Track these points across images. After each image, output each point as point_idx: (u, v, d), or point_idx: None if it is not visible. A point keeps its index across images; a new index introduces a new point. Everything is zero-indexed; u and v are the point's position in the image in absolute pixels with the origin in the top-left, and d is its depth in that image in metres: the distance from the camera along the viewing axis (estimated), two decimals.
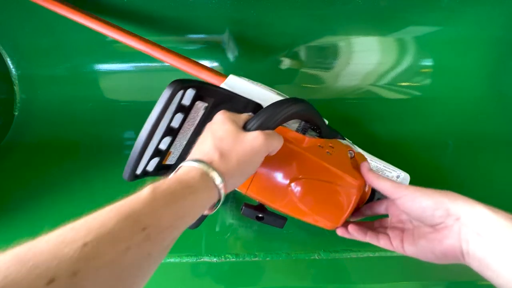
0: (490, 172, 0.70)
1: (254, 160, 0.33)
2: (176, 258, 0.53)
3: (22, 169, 0.69)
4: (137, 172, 0.39)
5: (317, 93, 0.82)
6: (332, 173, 0.43)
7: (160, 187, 0.28)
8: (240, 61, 0.80)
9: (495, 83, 0.84)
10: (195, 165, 0.30)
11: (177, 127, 0.41)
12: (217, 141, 0.32)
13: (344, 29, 0.78)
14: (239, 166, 0.32)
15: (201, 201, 0.29)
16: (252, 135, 0.33)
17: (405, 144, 0.75)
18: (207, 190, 0.30)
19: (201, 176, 0.30)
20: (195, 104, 0.41)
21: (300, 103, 0.41)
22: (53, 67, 0.78)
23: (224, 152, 0.32)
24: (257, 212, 0.46)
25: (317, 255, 0.54)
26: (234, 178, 0.32)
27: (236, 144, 0.32)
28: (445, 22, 0.77)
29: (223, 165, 0.31)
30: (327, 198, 0.43)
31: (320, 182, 0.43)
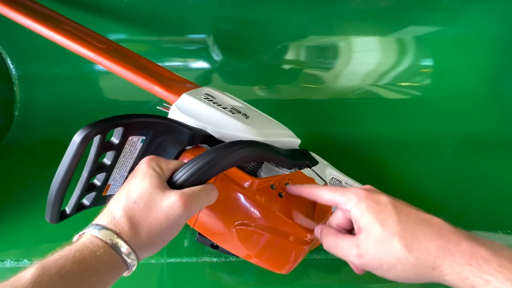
0: (490, 172, 0.70)
1: (170, 231, 0.29)
2: (176, 258, 0.53)
3: (22, 169, 0.69)
4: (67, 211, 0.36)
5: (317, 93, 0.82)
6: (280, 220, 0.39)
7: (50, 269, 0.23)
8: (240, 61, 0.80)
9: (495, 83, 0.84)
10: (100, 236, 0.26)
11: (110, 163, 0.37)
12: (130, 205, 0.28)
13: (344, 29, 0.77)
14: (150, 240, 0.28)
15: (103, 281, 0.26)
16: (169, 202, 0.28)
17: (405, 144, 0.75)
18: (112, 268, 0.26)
19: (106, 251, 0.26)
20: (129, 139, 0.37)
21: (245, 149, 0.35)
22: (53, 67, 0.78)
23: (135, 222, 0.27)
24: (211, 241, 0.42)
25: (317, 255, 0.54)
26: (146, 251, 0.28)
27: (149, 212, 0.28)
28: (445, 22, 0.77)
29: (134, 237, 0.27)
30: (274, 248, 0.39)
31: (267, 229, 0.39)
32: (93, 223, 0.28)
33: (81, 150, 0.32)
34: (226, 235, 0.40)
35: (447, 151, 0.76)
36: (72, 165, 0.33)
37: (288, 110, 0.81)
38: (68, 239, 0.58)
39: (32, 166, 0.70)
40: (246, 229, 0.39)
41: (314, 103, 0.82)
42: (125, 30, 0.75)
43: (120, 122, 0.34)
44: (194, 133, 0.41)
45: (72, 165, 0.33)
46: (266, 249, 0.40)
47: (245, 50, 0.79)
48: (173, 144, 0.41)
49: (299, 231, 0.39)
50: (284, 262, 0.40)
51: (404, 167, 0.71)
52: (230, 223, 0.39)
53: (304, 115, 0.81)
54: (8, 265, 0.53)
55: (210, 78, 0.80)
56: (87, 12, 0.72)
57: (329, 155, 0.72)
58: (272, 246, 0.40)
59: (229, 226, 0.39)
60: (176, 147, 0.41)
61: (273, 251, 0.40)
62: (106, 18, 0.73)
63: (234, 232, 0.39)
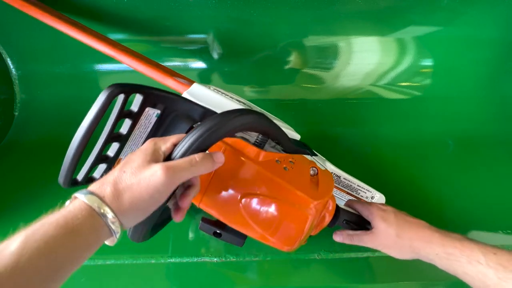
0: (490, 172, 0.70)
1: (152, 197, 0.30)
2: (176, 258, 0.53)
3: (22, 169, 0.69)
4: (78, 178, 0.38)
5: (317, 93, 0.82)
6: (286, 190, 0.40)
7: (34, 236, 0.25)
8: (240, 61, 0.80)
9: (495, 83, 0.84)
10: (85, 199, 0.28)
11: (125, 133, 0.39)
12: (119, 174, 0.30)
13: (344, 29, 0.78)
14: (132, 204, 0.29)
15: (86, 245, 0.27)
16: (151, 171, 0.30)
17: (405, 144, 0.75)
18: (95, 232, 0.28)
19: (89, 215, 0.27)
20: (145, 110, 0.39)
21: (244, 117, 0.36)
22: (53, 67, 0.78)
23: (119, 188, 0.29)
24: (215, 228, 0.43)
25: (317, 255, 0.54)
26: (128, 216, 0.29)
27: (133, 180, 0.29)
28: (445, 22, 0.77)
29: (115, 201, 0.29)
30: (280, 217, 0.40)
31: (273, 199, 0.40)
32: (84, 189, 0.30)
33: (105, 106, 0.35)
34: (233, 209, 0.40)
35: (447, 151, 0.76)
36: (95, 121, 0.35)
37: (288, 110, 0.81)
38: None
39: (32, 166, 0.70)
40: (253, 200, 0.40)
41: (314, 103, 0.82)
42: (125, 30, 0.75)
43: (141, 89, 0.37)
44: (205, 110, 0.43)
45: (95, 120, 0.35)
46: (273, 220, 0.40)
47: (245, 50, 0.79)
48: (185, 120, 0.42)
49: (305, 199, 0.40)
50: (292, 233, 0.41)
51: (404, 167, 0.71)
52: (238, 194, 0.40)
53: (304, 115, 0.81)
54: None
55: (210, 78, 0.80)
56: (87, 12, 0.72)
57: (329, 155, 0.72)
58: (279, 216, 0.40)
59: (236, 198, 0.40)
60: (188, 123, 0.42)
61: (280, 221, 0.40)
62: (106, 18, 0.73)
63: (241, 204, 0.40)
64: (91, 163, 0.38)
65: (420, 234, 0.44)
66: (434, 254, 0.42)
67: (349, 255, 0.54)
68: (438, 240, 0.42)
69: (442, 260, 0.42)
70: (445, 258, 0.41)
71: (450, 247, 0.41)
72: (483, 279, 0.38)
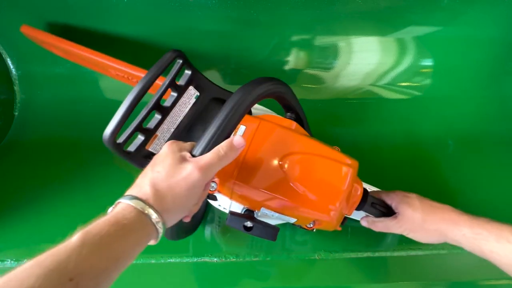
0: (490, 171, 0.70)
1: (191, 194, 0.33)
2: (176, 258, 0.53)
3: (22, 169, 0.69)
4: (118, 140, 0.39)
5: (317, 93, 0.82)
6: (325, 149, 0.43)
7: (91, 231, 0.27)
8: (240, 61, 0.80)
9: (495, 83, 0.84)
10: (131, 203, 0.30)
11: (169, 105, 0.41)
12: (154, 176, 0.32)
13: (344, 29, 0.77)
14: (175, 202, 0.32)
15: (136, 240, 0.30)
16: (186, 170, 0.33)
17: (405, 144, 0.75)
18: (143, 229, 0.30)
19: (136, 215, 0.30)
20: (188, 88, 0.42)
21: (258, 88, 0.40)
22: (53, 67, 0.78)
23: (159, 189, 0.32)
24: (244, 220, 0.41)
25: (317, 255, 0.54)
26: (172, 214, 0.32)
27: (171, 180, 0.32)
28: (445, 22, 0.77)
29: (159, 202, 0.31)
30: (322, 173, 0.41)
31: (314, 156, 0.42)
32: (125, 195, 0.32)
33: (166, 63, 0.39)
34: (273, 174, 0.40)
35: (447, 151, 0.76)
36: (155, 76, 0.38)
37: None
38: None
39: (32, 166, 0.70)
40: (294, 158, 0.41)
41: (314, 103, 0.82)
42: (125, 30, 0.75)
43: (192, 66, 0.41)
44: None
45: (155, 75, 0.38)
46: (316, 175, 0.41)
47: (245, 50, 0.79)
48: (219, 106, 0.44)
49: (340, 156, 0.43)
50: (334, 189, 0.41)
51: (404, 167, 0.71)
52: (277, 158, 0.41)
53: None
54: (8, 265, 0.53)
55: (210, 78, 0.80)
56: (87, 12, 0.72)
57: None
58: (321, 170, 0.41)
59: (275, 162, 0.41)
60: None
61: (323, 176, 0.41)
62: (106, 18, 0.73)
63: (282, 164, 0.40)
64: (132, 129, 0.39)
65: (446, 216, 0.45)
66: (461, 235, 0.43)
67: (349, 255, 0.54)
68: (465, 222, 0.43)
69: (469, 241, 0.42)
70: (472, 238, 0.42)
71: (478, 227, 0.42)
72: (510, 255, 0.39)
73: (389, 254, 0.55)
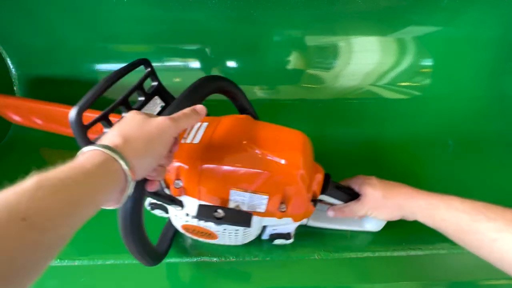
0: (490, 171, 0.70)
1: (163, 140, 0.33)
2: (176, 258, 0.53)
3: (22, 169, 0.69)
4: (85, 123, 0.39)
5: (317, 93, 0.82)
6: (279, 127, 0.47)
7: (48, 175, 0.26)
8: (241, 61, 0.80)
9: (495, 83, 0.84)
10: (98, 148, 0.28)
11: (135, 107, 0.43)
12: (123, 127, 0.32)
13: (344, 29, 0.78)
14: (146, 149, 0.31)
15: (101, 186, 0.27)
16: (157, 121, 0.34)
17: (405, 144, 0.75)
18: (109, 175, 0.28)
19: (103, 160, 0.28)
20: (154, 97, 0.44)
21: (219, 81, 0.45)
22: (53, 67, 0.78)
23: (129, 137, 0.31)
24: (215, 209, 0.41)
25: (317, 255, 0.54)
26: (142, 161, 0.31)
27: (141, 128, 0.32)
28: (445, 22, 0.77)
29: (129, 148, 0.30)
30: (281, 138, 0.45)
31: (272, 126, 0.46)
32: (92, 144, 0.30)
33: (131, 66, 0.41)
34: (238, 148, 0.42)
35: (447, 151, 0.76)
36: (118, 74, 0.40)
37: (289, 110, 0.81)
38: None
39: (32, 166, 0.69)
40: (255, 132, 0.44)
41: (314, 103, 0.82)
42: (125, 30, 0.75)
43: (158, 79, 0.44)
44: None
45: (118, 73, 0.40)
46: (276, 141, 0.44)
47: (245, 50, 0.79)
48: None
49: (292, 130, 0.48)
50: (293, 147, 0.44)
51: (404, 167, 0.71)
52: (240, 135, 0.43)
53: (304, 115, 0.81)
54: None
55: None
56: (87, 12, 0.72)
57: (329, 155, 0.72)
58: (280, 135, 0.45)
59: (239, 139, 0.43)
60: None
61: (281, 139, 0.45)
62: (106, 18, 0.73)
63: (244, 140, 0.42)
64: (99, 116, 0.39)
65: (403, 191, 0.48)
66: (417, 206, 0.46)
67: (349, 255, 0.54)
68: (421, 195, 0.46)
69: (423, 211, 0.45)
70: (427, 209, 0.45)
71: (431, 199, 0.45)
72: (457, 221, 0.41)
73: (389, 254, 0.55)
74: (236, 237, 0.47)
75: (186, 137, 0.45)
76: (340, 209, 0.52)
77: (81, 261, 0.52)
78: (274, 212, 0.44)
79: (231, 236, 0.47)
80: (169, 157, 0.37)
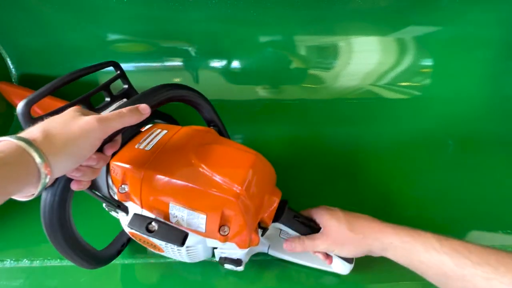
0: (490, 171, 0.70)
1: (85, 142, 0.31)
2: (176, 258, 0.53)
3: None
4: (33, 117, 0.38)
5: (317, 93, 0.82)
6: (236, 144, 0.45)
7: None
8: (241, 61, 0.80)
9: (495, 83, 0.84)
10: (13, 139, 0.28)
11: (97, 107, 0.42)
12: (47, 123, 0.31)
13: (344, 29, 0.78)
14: (66, 147, 0.30)
15: (10, 174, 0.27)
16: (84, 120, 0.32)
17: (405, 144, 0.75)
18: (21, 165, 0.27)
19: (17, 151, 0.27)
20: (122, 100, 0.44)
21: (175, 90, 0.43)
22: (53, 67, 0.78)
23: (50, 133, 0.30)
24: (149, 220, 0.39)
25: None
26: (60, 159, 0.30)
27: (65, 126, 0.31)
28: (445, 22, 0.77)
29: (47, 144, 0.29)
30: (228, 158, 0.42)
31: (223, 146, 0.44)
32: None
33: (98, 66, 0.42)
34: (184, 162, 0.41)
35: (447, 151, 0.76)
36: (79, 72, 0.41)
37: (289, 110, 0.81)
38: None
39: None
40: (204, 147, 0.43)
41: (314, 103, 0.82)
42: (125, 30, 0.75)
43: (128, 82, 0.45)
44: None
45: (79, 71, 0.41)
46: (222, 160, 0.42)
47: (245, 50, 0.79)
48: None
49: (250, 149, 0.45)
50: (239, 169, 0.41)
51: (404, 167, 0.71)
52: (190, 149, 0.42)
53: (304, 115, 0.81)
54: (8, 265, 0.53)
55: (210, 78, 0.80)
56: (87, 12, 0.72)
57: (329, 155, 0.72)
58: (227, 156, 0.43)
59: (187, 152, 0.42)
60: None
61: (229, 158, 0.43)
62: (106, 18, 0.73)
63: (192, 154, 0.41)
64: (50, 112, 0.37)
65: (372, 225, 0.43)
66: (388, 243, 0.41)
67: None
68: (391, 230, 0.42)
69: (396, 250, 0.41)
70: (400, 247, 0.41)
71: (404, 235, 0.41)
72: (439, 265, 0.38)
73: None
74: (180, 254, 0.45)
75: (141, 142, 0.43)
76: (301, 241, 0.46)
77: None
78: (215, 234, 0.40)
79: (175, 252, 0.44)
80: (100, 158, 0.35)
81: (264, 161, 0.44)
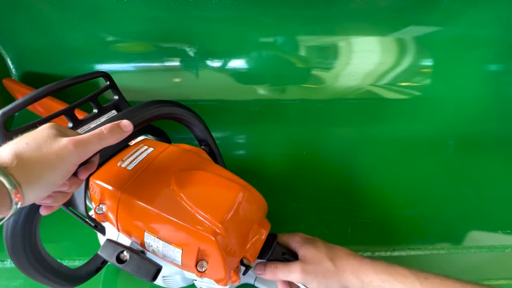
0: (490, 171, 0.70)
1: (60, 169, 0.29)
2: None
3: None
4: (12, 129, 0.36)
5: (317, 93, 0.82)
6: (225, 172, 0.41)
7: None
8: (241, 61, 0.80)
9: (494, 83, 0.84)
10: None
11: (83, 119, 0.40)
12: (20, 146, 0.28)
13: (344, 29, 0.77)
14: (40, 177, 0.28)
15: None
16: (60, 143, 0.30)
17: (405, 144, 0.75)
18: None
19: None
20: (111, 111, 0.42)
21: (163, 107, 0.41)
22: (53, 67, 0.78)
23: (24, 160, 0.28)
24: (121, 249, 0.36)
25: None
26: (34, 188, 0.28)
27: (39, 150, 0.29)
28: (445, 22, 0.77)
29: (19, 171, 0.27)
30: (212, 190, 0.38)
31: (209, 173, 0.40)
32: None
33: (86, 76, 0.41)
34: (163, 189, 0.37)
35: (447, 151, 0.76)
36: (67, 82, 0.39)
37: (289, 110, 0.81)
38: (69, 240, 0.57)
39: None
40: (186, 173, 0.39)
41: (314, 103, 0.82)
42: (126, 30, 0.75)
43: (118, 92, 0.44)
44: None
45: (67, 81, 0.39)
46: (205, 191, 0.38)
47: (245, 50, 0.79)
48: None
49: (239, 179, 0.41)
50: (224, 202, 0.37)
51: (404, 167, 0.71)
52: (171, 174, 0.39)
53: (304, 115, 0.81)
54: (8, 265, 0.53)
55: (210, 78, 0.80)
56: (87, 12, 0.72)
57: (329, 155, 0.72)
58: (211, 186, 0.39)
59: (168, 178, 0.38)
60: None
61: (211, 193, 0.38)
62: (106, 18, 0.73)
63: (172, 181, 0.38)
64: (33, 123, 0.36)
65: (350, 261, 0.41)
66: (367, 282, 0.39)
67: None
68: (369, 267, 0.40)
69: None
70: (379, 286, 0.39)
71: (383, 273, 0.39)
72: None
73: (389, 254, 0.55)
74: (157, 282, 0.43)
75: (124, 159, 0.41)
76: (273, 267, 0.42)
77: (81, 261, 0.52)
78: (191, 269, 0.37)
79: None
80: (72, 183, 0.33)
81: (253, 193, 0.40)
